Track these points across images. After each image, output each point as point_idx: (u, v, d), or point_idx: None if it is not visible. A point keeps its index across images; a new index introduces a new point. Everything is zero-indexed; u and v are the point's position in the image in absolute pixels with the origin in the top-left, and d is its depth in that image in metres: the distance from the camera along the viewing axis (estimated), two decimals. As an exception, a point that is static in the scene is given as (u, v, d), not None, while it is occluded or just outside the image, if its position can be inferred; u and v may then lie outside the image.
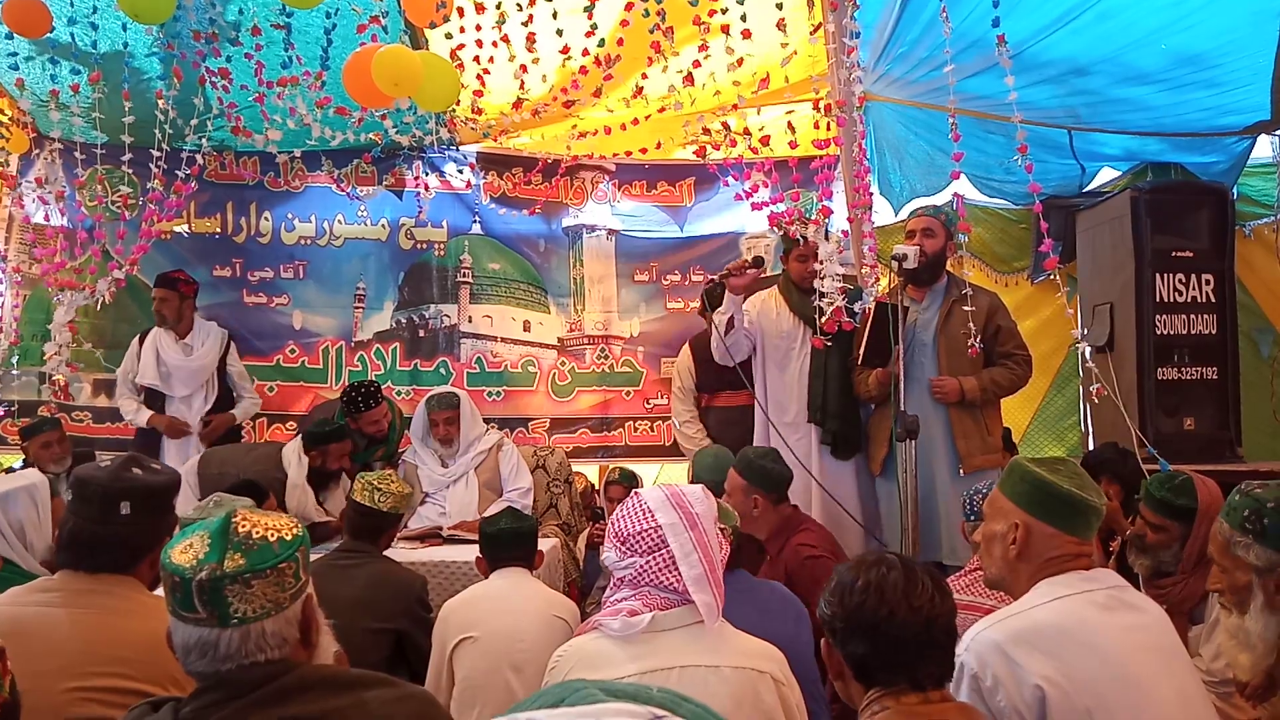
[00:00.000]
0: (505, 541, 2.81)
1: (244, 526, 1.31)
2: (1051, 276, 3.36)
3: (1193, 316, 4.18)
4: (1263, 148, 4.50)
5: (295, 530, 1.35)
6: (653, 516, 1.80)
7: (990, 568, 1.85)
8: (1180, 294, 4.19)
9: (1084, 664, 1.61)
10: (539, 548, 2.93)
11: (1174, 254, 4.20)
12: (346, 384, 4.72)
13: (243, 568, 1.27)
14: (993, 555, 1.83)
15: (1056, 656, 1.61)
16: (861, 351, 3.65)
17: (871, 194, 3.96)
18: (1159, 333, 4.16)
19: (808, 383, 4.04)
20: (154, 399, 4.66)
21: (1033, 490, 1.78)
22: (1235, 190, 4.57)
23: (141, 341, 4.71)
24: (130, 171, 4.08)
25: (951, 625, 1.50)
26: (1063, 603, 1.70)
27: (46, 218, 4.85)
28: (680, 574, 1.76)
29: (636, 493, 1.88)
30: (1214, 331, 4.20)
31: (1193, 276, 4.20)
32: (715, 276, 4.06)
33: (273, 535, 1.31)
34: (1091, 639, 1.64)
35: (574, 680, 0.74)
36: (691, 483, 3.55)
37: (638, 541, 1.79)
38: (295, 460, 3.91)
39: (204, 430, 4.63)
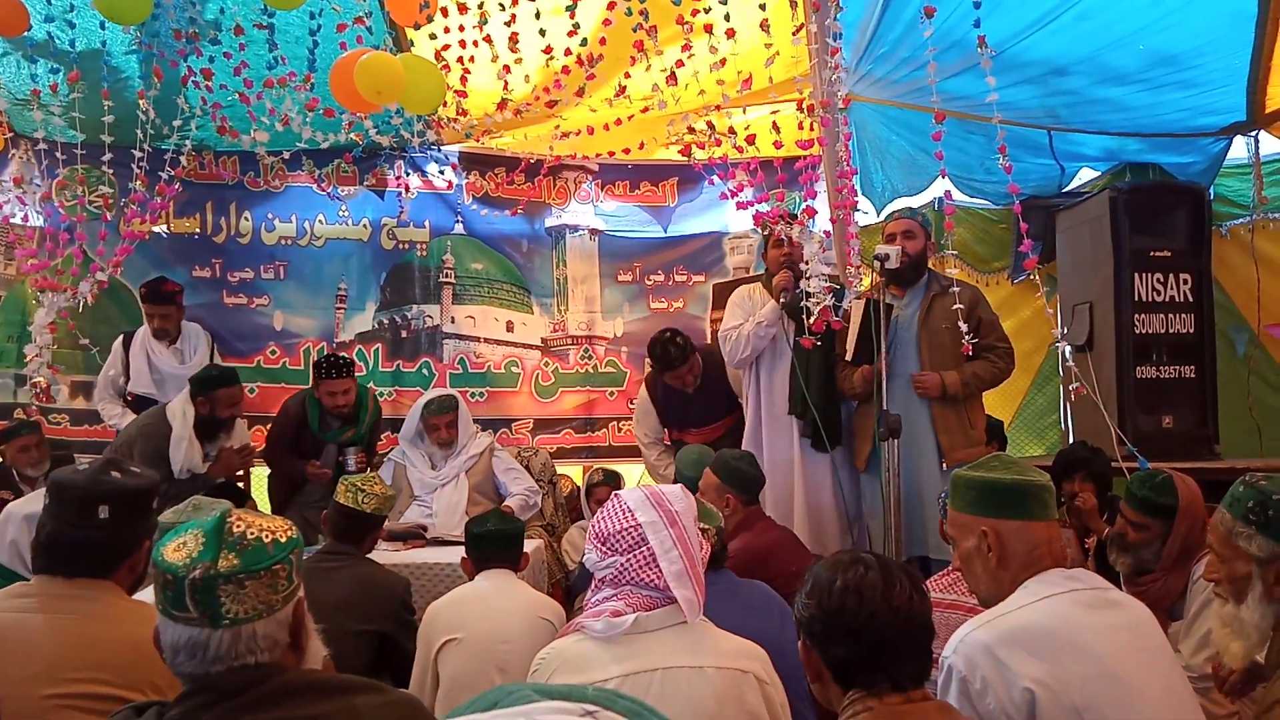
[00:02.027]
0: (492, 543, 2.80)
1: (239, 526, 1.30)
2: (1031, 276, 3.38)
3: (1171, 316, 4.22)
4: (1238, 149, 4.56)
5: (290, 533, 1.34)
6: (632, 515, 1.80)
7: (978, 587, 1.82)
8: (1158, 293, 4.23)
9: (1073, 664, 1.61)
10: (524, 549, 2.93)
11: (1152, 254, 4.25)
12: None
13: (237, 568, 1.26)
14: (975, 573, 1.81)
15: (1045, 657, 1.60)
16: (852, 350, 3.67)
17: (857, 195, 3.97)
18: (1137, 332, 4.21)
19: (789, 376, 4.06)
20: (143, 405, 4.55)
21: (981, 494, 1.78)
22: (1212, 191, 4.63)
23: (126, 346, 4.63)
24: (110, 172, 4.03)
25: (929, 623, 1.49)
26: (1049, 602, 1.69)
27: (25, 218, 4.79)
28: (661, 570, 1.76)
29: (616, 494, 1.89)
30: (1191, 330, 4.25)
31: (1170, 276, 4.25)
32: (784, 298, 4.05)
33: (267, 536, 1.31)
34: (1079, 639, 1.64)
35: (510, 684, 0.75)
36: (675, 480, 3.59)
37: (618, 540, 1.79)
38: (180, 414, 3.92)
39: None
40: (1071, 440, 4.68)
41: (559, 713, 0.68)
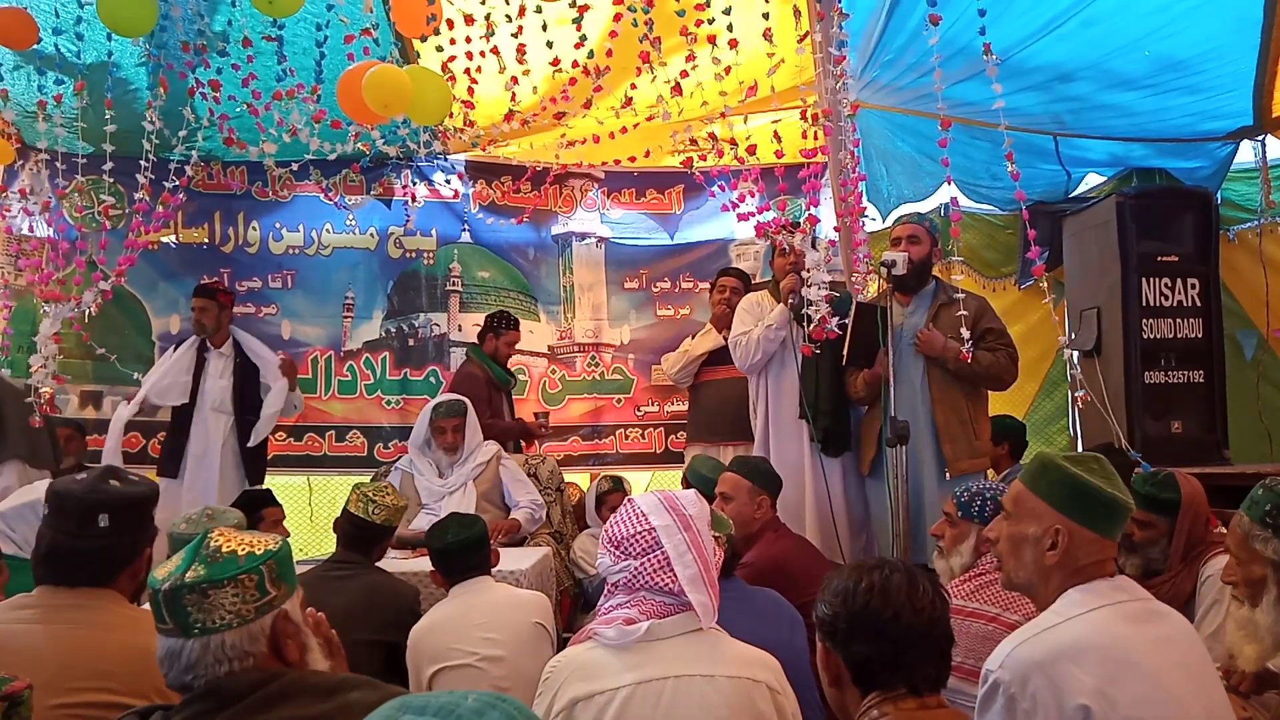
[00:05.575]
0: (459, 553, 2.72)
1: (216, 541, 1.35)
2: (1040, 283, 3.39)
3: (1179, 320, 4.21)
4: (1245, 153, 4.55)
5: (269, 545, 1.37)
6: (646, 519, 1.79)
7: (1017, 572, 1.76)
8: (1166, 298, 4.22)
9: (1125, 682, 1.56)
10: (532, 558, 2.91)
11: (1159, 259, 4.24)
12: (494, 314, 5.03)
13: (201, 578, 1.29)
14: (1021, 559, 1.74)
15: (1099, 674, 1.55)
16: (846, 354, 3.67)
17: (864, 201, 3.98)
18: (1145, 337, 4.19)
19: (798, 381, 4.06)
20: (175, 413, 4.63)
21: (1074, 494, 1.70)
22: (1219, 195, 4.62)
23: (175, 350, 4.73)
24: (115, 182, 4.04)
25: (949, 629, 1.50)
26: (1097, 615, 1.62)
27: (31, 229, 4.81)
28: (675, 574, 1.75)
29: (630, 499, 1.88)
30: (1200, 335, 4.23)
31: (1178, 281, 4.24)
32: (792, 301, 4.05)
33: (242, 550, 1.34)
34: (1130, 655, 1.58)
35: (385, 706, 0.72)
36: (685, 485, 3.58)
37: (632, 544, 1.78)
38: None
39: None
40: (1080, 446, 4.66)
41: None
